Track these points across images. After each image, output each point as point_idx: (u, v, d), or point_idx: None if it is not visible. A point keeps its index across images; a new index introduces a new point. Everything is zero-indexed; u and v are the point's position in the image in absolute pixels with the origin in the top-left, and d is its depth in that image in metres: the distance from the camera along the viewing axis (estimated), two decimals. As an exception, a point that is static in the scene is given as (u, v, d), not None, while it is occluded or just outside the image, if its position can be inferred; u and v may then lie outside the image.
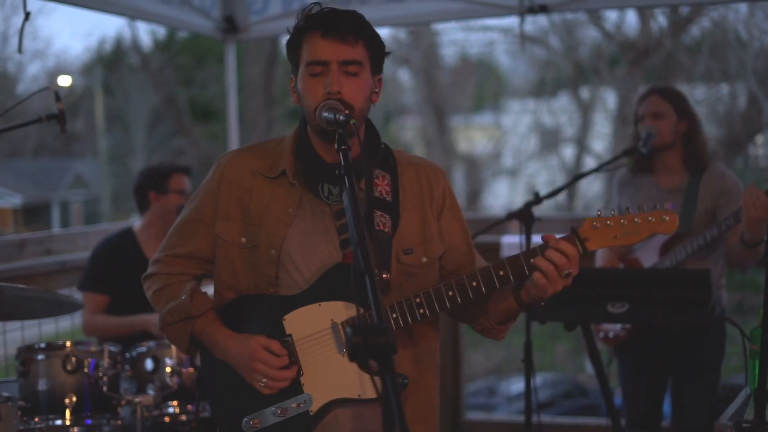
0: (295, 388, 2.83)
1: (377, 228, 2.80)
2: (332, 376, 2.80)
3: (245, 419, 2.87)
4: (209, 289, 3.04)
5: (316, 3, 2.83)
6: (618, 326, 4.67)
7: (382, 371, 2.07)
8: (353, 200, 2.47)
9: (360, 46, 2.77)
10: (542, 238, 2.68)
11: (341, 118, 2.62)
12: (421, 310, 2.75)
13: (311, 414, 2.80)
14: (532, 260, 2.68)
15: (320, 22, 2.76)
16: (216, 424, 2.99)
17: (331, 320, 2.80)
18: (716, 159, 4.74)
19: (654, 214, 2.66)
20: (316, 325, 2.82)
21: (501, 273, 2.72)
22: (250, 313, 2.90)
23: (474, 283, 2.73)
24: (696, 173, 4.63)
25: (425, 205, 2.93)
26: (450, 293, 2.74)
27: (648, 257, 4.67)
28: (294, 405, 2.82)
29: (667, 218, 2.65)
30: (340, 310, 2.79)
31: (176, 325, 2.94)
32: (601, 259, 4.83)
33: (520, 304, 2.79)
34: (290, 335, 2.84)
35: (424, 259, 2.86)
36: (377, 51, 2.84)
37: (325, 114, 2.68)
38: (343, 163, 2.55)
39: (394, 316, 2.75)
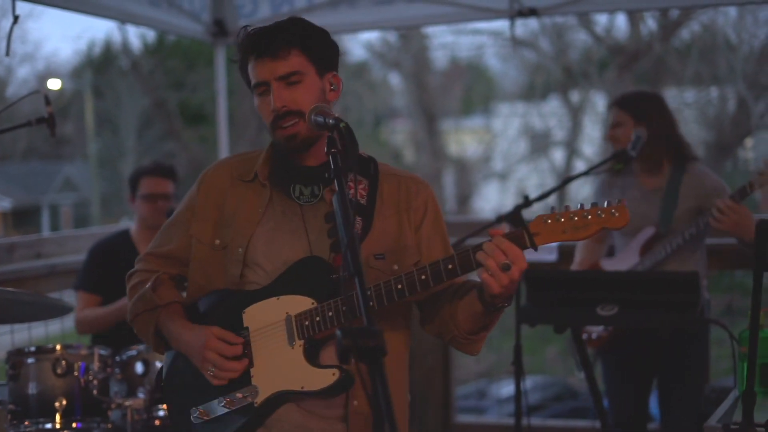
0: (244, 379, 2.87)
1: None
2: (279, 368, 2.83)
3: (193, 410, 2.92)
4: None
5: (243, 27, 2.94)
6: (600, 327, 4.69)
7: (372, 373, 2.08)
8: (343, 203, 2.49)
9: (294, 55, 2.83)
10: (489, 233, 2.68)
11: (331, 121, 2.65)
12: (371, 303, 2.72)
13: (256, 405, 2.83)
14: (478, 257, 2.66)
15: (251, 46, 2.86)
16: (168, 415, 3.09)
17: (286, 313, 2.83)
18: (697, 161, 4.74)
19: (604, 210, 2.63)
20: (271, 318, 2.85)
21: (450, 267, 2.70)
22: (214, 307, 2.96)
23: (423, 277, 2.70)
24: (678, 172, 4.64)
25: (402, 214, 2.94)
26: (399, 286, 2.71)
27: (629, 258, 4.70)
28: (240, 395, 2.85)
29: (617, 213, 2.62)
30: (297, 304, 2.82)
31: (141, 316, 3.02)
32: (578, 265, 4.87)
33: (484, 305, 2.74)
34: (247, 328, 2.89)
35: (395, 267, 2.87)
36: (318, 52, 2.88)
37: (315, 118, 2.71)
38: (333, 166, 2.56)
39: (345, 308, 2.72)
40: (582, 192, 20.81)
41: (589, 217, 2.64)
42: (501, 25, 18.11)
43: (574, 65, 20.36)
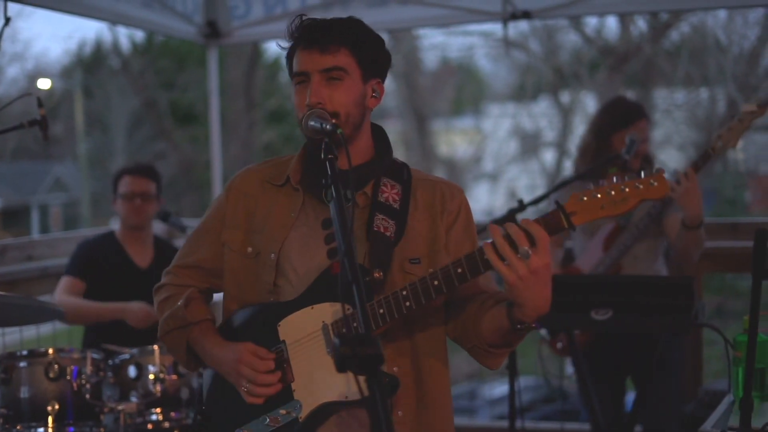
0: (286, 395, 2.78)
1: (375, 230, 2.75)
2: (321, 379, 2.74)
3: (237, 431, 2.82)
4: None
5: (298, 16, 2.83)
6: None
7: (370, 381, 2.06)
8: (340, 210, 2.46)
9: (343, 53, 2.75)
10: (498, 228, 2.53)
11: (328, 127, 2.61)
12: (407, 303, 2.63)
13: (300, 420, 2.74)
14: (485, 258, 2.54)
15: (303, 35, 2.76)
16: None
17: (323, 322, 2.74)
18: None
19: (642, 181, 2.51)
20: (307, 329, 2.76)
21: (459, 271, 2.59)
22: (247, 323, 2.87)
23: (459, 270, 2.58)
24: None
25: (436, 218, 2.85)
26: (435, 282, 2.60)
27: (592, 256, 4.71)
28: (283, 412, 2.76)
29: (656, 183, 2.50)
30: (331, 312, 2.73)
31: (172, 334, 2.92)
32: None
33: (510, 321, 2.60)
34: (283, 341, 2.79)
35: (431, 270, 2.73)
36: (367, 56, 2.81)
37: (311, 123, 2.66)
38: (329, 172, 2.54)
39: (381, 311, 2.65)
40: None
41: (627, 189, 2.51)
42: (492, 26, 18.11)
43: (565, 66, 20.41)
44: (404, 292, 2.63)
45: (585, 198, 2.52)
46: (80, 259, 5.18)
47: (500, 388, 14.18)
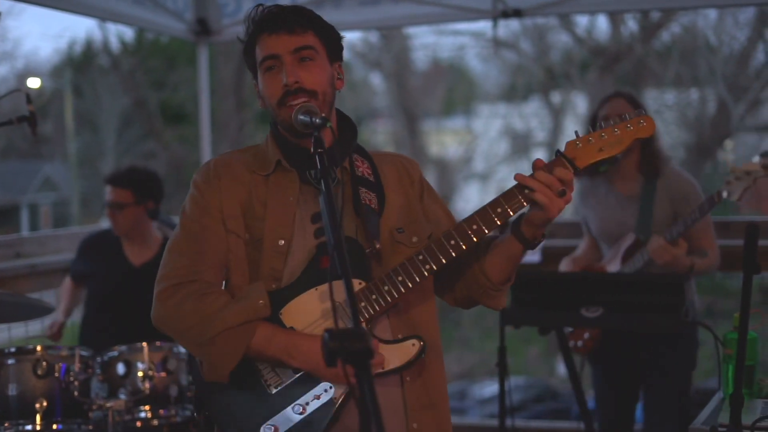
0: (309, 379, 2.71)
1: (364, 203, 2.77)
2: None
3: (263, 427, 2.73)
4: None
5: (258, 5, 2.83)
6: (586, 334, 4.68)
7: (359, 376, 2.05)
8: (330, 204, 2.45)
9: (309, 35, 2.77)
10: (533, 164, 2.66)
11: (317, 120, 2.60)
12: (427, 266, 2.69)
13: (335, 401, 2.69)
14: (526, 191, 2.64)
15: (265, 22, 2.76)
16: None
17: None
18: (669, 162, 4.71)
19: (631, 122, 2.70)
20: (317, 311, 2.72)
21: (499, 210, 2.69)
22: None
23: (474, 227, 2.69)
24: (651, 179, 4.62)
25: (406, 189, 2.91)
26: (452, 242, 2.69)
27: (612, 265, 4.68)
28: (314, 398, 2.71)
29: (644, 122, 2.71)
30: (339, 289, 2.51)
31: (237, 330, 2.68)
32: (563, 269, 4.85)
33: (522, 241, 2.71)
34: (291, 328, 2.74)
35: (415, 239, 2.82)
36: (330, 39, 2.83)
37: (301, 117, 2.64)
38: (319, 166, 2.52)
39: (401, 278, 2.68)
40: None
41: (618, 131, 2.70)
42: (482, 26, 18.13)
43: (555, 66, 20.46)
44: (420, 257, 2.69)
45: (579, 144, 2.69)
46: (77, 261, 5.28)
47: (490, 388, 14.21)
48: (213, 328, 2.68)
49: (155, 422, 4.24)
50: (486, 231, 2.70)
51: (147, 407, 4.23)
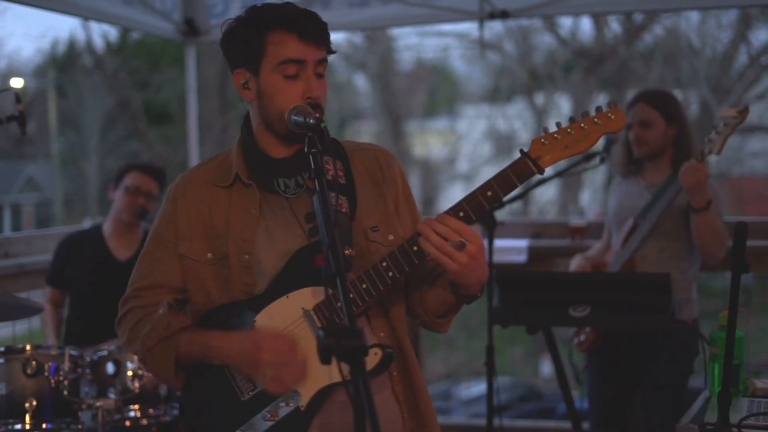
0: None
1: (333, 208, 2.69)
2: (315, 364, 2.57)
3: None
4: None
5: (264, 4, 2.78)
6: (588, 329, 4.69)
7: (354, 374, 2.07)
8: (324, 204, 2.46)
9: (325, 49, 2.76)
10: (421, 225, 2.59)
11: (311, 121, 2.61)
12: (390, 273, 2.64)
13: (302, 410, 2.71)
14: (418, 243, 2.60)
15: (294, 24, 2.70)
16: None
17: (302, 308, 2.71)
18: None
19: (599, 116, 2.58)
20: (288, 318, 2.73)
21: (383, 264, 2.65)
22: (221, 325, 2.78)
23: (415, 248, 2.64)
24: (676, 173, 4.63)
25: (380, 185, 2.88)
26: (415, 248, 2.63)
27: (615, 249, 4.70)
28: (283, 404, 2.72)
29: (613, 116, 2.57)
30: (309, 297, 2.70)
31: (157, 347, 2.77)
32: (574, 266, 4.86)
33: (456, 295, 2.70)
34: None
35: (391, 237, 2.81)
36: (329, 53, 2.81)
37: (295, 117, 2.65)
38: (313, 166, 2.53)
39: (364, 285, 2.65)
40: (546, 194, 20.96)
41: (586, 126, 2.60)
42: (466, 27, 18.19)
43: (539, 68, 20.52)
44: (384, 264, 2.65)
45: (545, 141, 2.60)
46: (55, 264, 5.22)
47: (475, 389, 14.24)
48: (140, 353, 2.82)
49: (144, 421, 4.25)
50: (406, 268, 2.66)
51: (136, 406, 4.24)
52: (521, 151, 2.63)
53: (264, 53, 2.73)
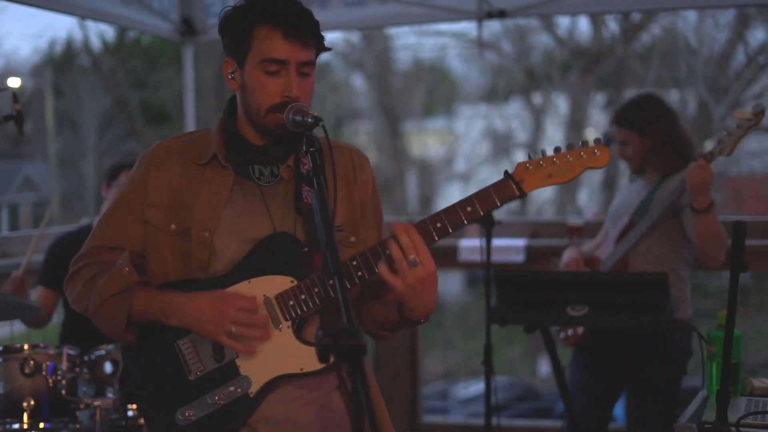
0: (230, 371, 2.75)
1: (305, 201, 2.76)
2: (270, 353, 2.71)
3: (178, 412, 2.75)
4: None
5: None
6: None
7: (353, 372, 2.07)
8: (322, 203, 2.47)
9: (313, 49, 2.76)
10: (393, 226, 2.59)
11: (310, 120, 2.62)
12: (360, 273, 2.66)
13: (251, 396, 2.72)
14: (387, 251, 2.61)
15: (281, 20, 2.70)
16: (146, 423, 2.86)
17: (264, 295, 2.72)
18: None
19: (585, 150, 2.63)
20: None
21: (354, 263, 2.67)
22: None
23: (354, 263, 2.67)
24: (668, 176, 4.64)
25: (351, 185, 2.89)
26: (387, 251, 2.62)
27: (607, 248, 4.71)
28: (232, 389, 2.72)
29: (598, 152, 2.63)
30: (273, 284, 2.72)
31: (110, 301, 2.76)
32: (566, 258, 4.86)
33: (400, 315, 2.73)
34: None
35: (353, 239, 2.83)
36: (320, 51, 2.83)
37: (294, 117, 2.66)
38: (312, 165, 2.54)
39: (332, 282, 2.64)
40: (543, 193, 20.95)
41: (571, 159, 2.64)
42: (464, 26, 18.18)
43: (537, 67, 20.51)
44: (354, 262, 2.66)
45: (530, 166, 2.63)
46: (48, 264, 5.16)
47: (472, 388, 14.25)
48: (92, 305, 2.80)
49: (142, 421, 4.24)
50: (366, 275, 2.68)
51: (134, 406, 4.22)
52: (506, 172, 2.67)
53: (249, 48, 2.74)
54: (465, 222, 2.67)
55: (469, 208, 2.66)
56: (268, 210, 2.79)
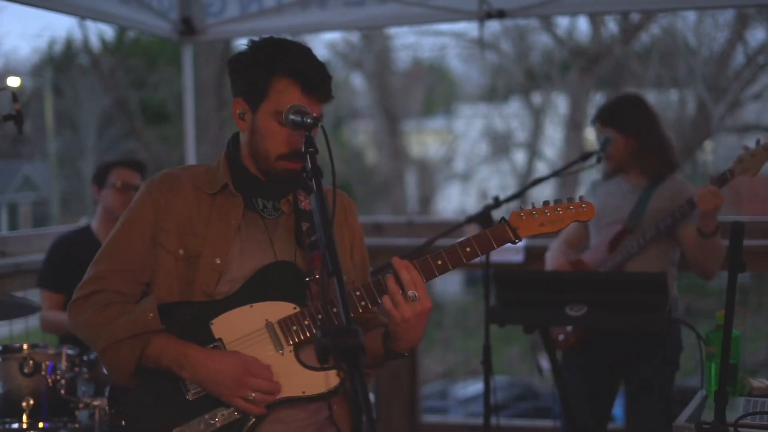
0: None
1: (304, 232, 2.90)
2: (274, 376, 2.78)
3: (174, 431, 2.76)
4: None
5: (302, 49, 2.84)
6: (569, 329, 4.69)
7: (351, 372, 2.08)
8: (321, 203, 2.48)
9: (325, 103, 2.87)
10: (393, 261, 2.73)
11: (309, 120, 2.65)
12: (363, 303, 2.79)
13: (250, 420, 2.77)
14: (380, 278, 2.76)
15: (302, 77, 2.79)
16: None
17: (266, 320, 2.79)
18: (677, 172, 4.71)
19: (573, 205, 2.88)
20: (248, 327, 2.80)
21: (357, 293, 2.80)
22: (174, 320, 2.80)
23: (357, 293, 2.80)
24: (656, 180, 4.65)
25: (342, 227, 3.03)
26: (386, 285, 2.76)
27: (597, 253, 4.70)
28: (230, 411, 2.76)
29: (585, 207, 2.89)
30: (275, 310, 2.80)
31: (125, 343, 2.75)
32: (551, 264, 4.86)
33: (385, 349, 2.85)
34: (220, 339, 2.80)
35: (344, 277, 2.88)
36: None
37: (292, 117, 2.69)
38: (310, 166, 2.56)
39: (335, 310, 2.76)
40: (543, 193, 20.93)
41: (560, 211, 2.86)
42: (463, 26, 18.18)
43: (536, 67, 20.49)
44: (357, 293, 2.78)
45: (523, 216, 2.86)
46: (50, 265, 5.17)
47: (472, 388, 14.24)
48: (103, 340, 2.77)
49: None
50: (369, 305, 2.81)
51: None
52: (503, 218, 2.87)
53: (265, 96, 2.82)
54: (464, 260, 2.82)
55: (468, 249, 2.81)
56: (270, 240, 2.89)
